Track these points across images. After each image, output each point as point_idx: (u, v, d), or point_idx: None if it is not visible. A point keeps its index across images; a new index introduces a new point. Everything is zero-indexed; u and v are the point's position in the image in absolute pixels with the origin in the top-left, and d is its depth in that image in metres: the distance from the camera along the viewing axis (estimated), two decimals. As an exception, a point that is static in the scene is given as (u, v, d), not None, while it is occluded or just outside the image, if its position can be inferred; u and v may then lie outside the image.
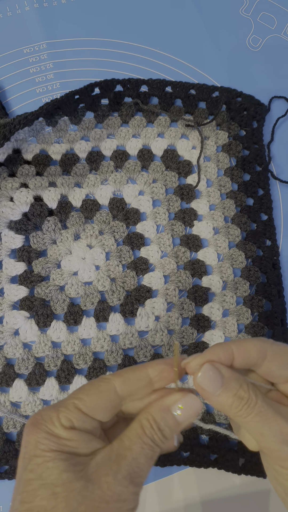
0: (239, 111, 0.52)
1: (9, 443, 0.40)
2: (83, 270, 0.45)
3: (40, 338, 0.42)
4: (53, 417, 0.24)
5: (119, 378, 0.26)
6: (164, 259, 0.46)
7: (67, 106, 0.47)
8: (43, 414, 0.25)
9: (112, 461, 0.23)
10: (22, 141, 0.48)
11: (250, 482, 0.41)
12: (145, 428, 0.25)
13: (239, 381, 0.26)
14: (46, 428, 0.24)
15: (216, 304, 0.45)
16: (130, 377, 0.26)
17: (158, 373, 0.26)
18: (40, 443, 0.23)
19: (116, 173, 0.49)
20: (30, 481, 0.23)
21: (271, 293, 0.45)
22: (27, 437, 0.24)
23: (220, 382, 0.26)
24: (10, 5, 0.56)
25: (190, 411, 0.25)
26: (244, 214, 0.48)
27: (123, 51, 0.55)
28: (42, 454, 0.23)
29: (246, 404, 0.26)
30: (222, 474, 0.40)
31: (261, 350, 0.27)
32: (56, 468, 0.23)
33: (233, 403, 0.26)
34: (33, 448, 0.23)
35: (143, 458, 0.24)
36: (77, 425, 0.24)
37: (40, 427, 0.24)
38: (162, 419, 0.25)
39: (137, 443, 0.24)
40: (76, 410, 0.24)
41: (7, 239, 0.45)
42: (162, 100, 0.52)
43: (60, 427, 0.24)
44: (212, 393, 0.26)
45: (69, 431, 0.24)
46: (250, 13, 0.59)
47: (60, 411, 0.24)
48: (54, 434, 0.24)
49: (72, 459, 0.23)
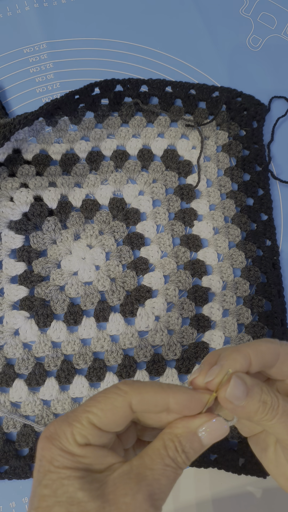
0: (239, 111, 0.52)
1: (9, 443, 0.40)
2: (83, 270, 0.45)
3: (40, 338, 0.42)
4: (67, 433, 0.23)
5: (137, 396, 0.24)
6: (164, 259, 0.46)
7: (67, 106, 0.47)
8: (57, 429, 0.24)
9: (131, 480, 0.22)
10: (22, 141, 0.48)
11: (250, 482, 0.41)
12: (169, 449, 0.24)
13: (259, 386, 0.26)
14: (60, 444, 0.23)
15: (216, 304, 0.45)
16: (149, 399, 0.24)
17: (180, 407, 0.25)
18: (54, 460, 0.23)
19: (116, 173, 0.49)
20: (45, 497, 0.22)
21: (271, 293, 0.45)
22: (42, 451, 0.23)
23: (245, 392, 0.25)
24: (10, 5, 0.56)
25: (215, 435, 0.25)
26: (244, 214, 0.48)
27: (123, 51, 0.55)
28: (57, 470, 0.22)
29: (271, 407, 0.25)
30: (222, 474, 0.40)
31: (275, 353, 0.27)
32: (71, 485, 0.22)
33: (259, 409, 0.25)
34: (47, 463, 0.23)
35: (165, 480, 0.23)
36: (93, 441, 0.23)
37: (54, 443, 0.23)
38: (188, 442, 0.24)
39: (159, 464, 0.23)
40: (90, 426, 0.23)
41: (7, 239, 0.45)
42: (162, 100, 0.52)
43: (74, 444, 0.23)
44: (239, 404, 0.25)
45: (84, 448, 0.23)
46: (250, 13, 0.59)
47: (74, 427, 0.23)
48: (68, 451, 0.23)
49: (88, 477, 0.22)
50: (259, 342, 0.27)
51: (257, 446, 0.31)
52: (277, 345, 0.27)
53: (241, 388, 0.25)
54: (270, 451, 0.30)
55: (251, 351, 0.26)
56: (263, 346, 0.27)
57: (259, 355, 0.26)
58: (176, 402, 0.24)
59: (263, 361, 0.26)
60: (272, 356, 0.27)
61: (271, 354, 0.27)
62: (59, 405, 0.41)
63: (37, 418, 0.41)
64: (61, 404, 0.41)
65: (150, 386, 0.25)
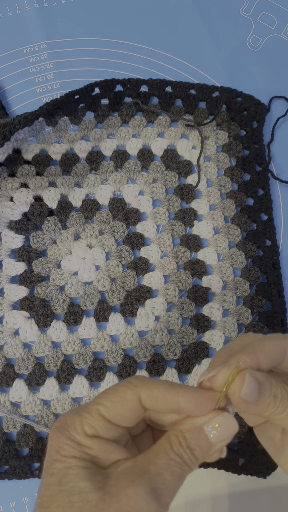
0: (239, 111, 0.52)
1: (9, 443, 0.40)
2: (83, 270, 0.45)
3: (40, 338, 0.42)
4: (76, 423, 0.24)
5: (146, 390, 0.24)
6: (164, 259, 0.46)
7: (67, 106, 0.47)
8: (67, 418, 0.24)
9: (133, 473, 0.22)
10: (22, 141, 0.48)
11: (250, 482, 0.41)
12: (173, 444, 0.23)
13: (269, 380, 0.25)
14: (69, 434, 0.23)
15: (216, 304, 0.45)
16: (158, 396, 0.24)
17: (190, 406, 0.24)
18: (62, 449, 0.23)
19: (116, 173, 0.49)
20: (49, 485, 0.22)
21: (271, 293, 0.45)
22: (51, 441, 0.24)
23: (257, 389, 0.24)
24: (10, 5, 0.56)
25: (225, 433, 0.24)
26: (244, 214, 0.48)
27: (123, 51, 0.55)
28: (63, 459, 0.23)
29: (281, 400, 0.25)
30: (222, 474, 0.40)
31: (281, 349, 0.26)
32: (76, 475, 0.22)
33: (270, 404, 0.25)
34: (55, 452, 0.23)
35: (169, 475, 0.22)
36: (101, 433, 0.23)
37: (63, 432, 0.23)
38: (193, 438, 0.24)
39: (163, 458, 0.23)
40: (99, 417, 0.24)
41: (7, 239, 0.45)
42: (162, 100, 0.52)
43: (82, 434, 0.23)
44: (252, 401, 0.25)
45: (91, 439, 0.23)
46: (250, 13, 0.59)
47: (84, 417, 0.24)
48: (76, 440, 0.23)
49: (92, 468, 0.22)
50: (266, 341, 0.26)
51: (263, 435, 0.31)
52: (282, 341, 0.27)
53: (254, 386, 0.24)
54: (277, 439, 0.29)
55: (258, 351, 0.26)
56: (268, 345, 0.26)
57: (267, 355, 0.26)
58: (186, 401, 0.24)
59: (271, 360, 0.26)
60: (279, 353, 0.26)
61: (278, 352, 0.26)
62: (59, 405, 0.41)
63: (37, 418, 0.41)
64: (61, 404, 0.41)
65: (161, 383, 0.25)
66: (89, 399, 0.41)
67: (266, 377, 0.26)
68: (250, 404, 0.25)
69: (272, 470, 0.40)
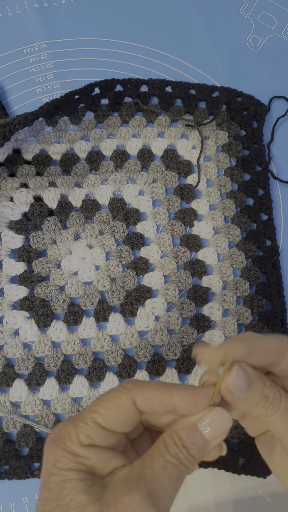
0: (239, 111, 0.52)
1: (9, 443, 0.40)
2: (83, 270, 0.45)
3: (40, 338, 0.42)
4: (71, 434, 0.23)
5: (140, 393, 0.24)
6: (164, 259, 0.46)
7: (67, 106, 0.47)
8: (61, 429, 0.23)
9: (131, 481, 0.21)
10: (22, 141, 0.48)
11: (250, 482, 0.41)
12: (169, 445, 0.23)
13: (262, 380, 0.25)
14: (64, 445, 0.23)
15: (216, 304, 0.45)
16: (153, 397, 0.24)
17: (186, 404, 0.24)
18: (58, 461, 0.22)
19: (116, 173, 0.49)
20: (47, 500, 0.22)
21: (271, 293, 0.45)
22: (46, 453, 0.23)
23: (246, 383, 0.24)
24: (10, 5, 0.56)
25: (219, 428, 0.24)
26: (244, 214, 0.48)
27: (123, 51, 0.55)
28: (59, 472, 0.22)
29: (272, 403, 0.25)
30: (222, 474, 0.40)
31: (280, 350, 0.26)
32: (73, 489, 0.21)
33: (259, 403, 0.25)
34: (51, 466, 0.22)
35: (166, 478, 0.22)
36: (98, 441, 0.23)
37: (58, 444, 0.23)
38: (188, 437, 0.23)
39: (160, 461, 0.22)
40: (95, 426, 0.23)
41: (7, 239, 0.45)
42: (162, 100, 0.52)
43: (78, 445, 0.23)
44: (239, 396, 0.24)
45: (88, 448, 0.23)
46: (250, 13, 0.59)
47: (79, 427, 0.23)
48: (72, 452, 0.22)
49: (89, 480, 0.22)
50: (264, 338, 0.26)
51: (263, 447, 0.30)
52: (283, 342, 0.26)
53: (243, 379, 0.24)
54: (277, 453, 0.29)
55: (253, 345, 0.25)
56: (267, 343, 0.26)
57: (264, 352, 0.25)
58: (181, 400, 0.24)
59: (267, 358, 0.26)
60: (277, 353, 0.26)
61: (275, 351, 0.26)
62: (59, 405, 0.41)
63: (37, 418, 0.41)
64: (61, 404, 0.41)
65: (154, 384, 0.24)
66: (89, 399, 0.41)
67: (260, 376, 0.25)
68: (238, 398, 0.25)
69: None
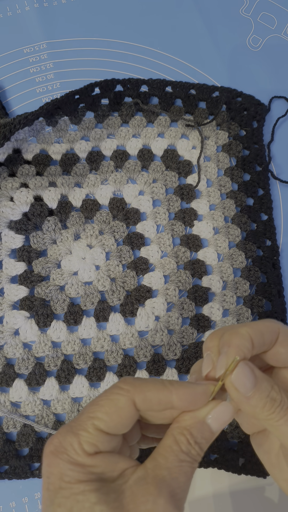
0: (239, 111, 0.52)
1: (9, 443, 0.40)
2: (83, 270, 0.45)
3: (40, 338, 0.42)
4: (74, 444, 0.22)
5: (140, 394, 0.23)
6: (164, 259, 0.46)
7: (67, 106, 0.47)
8: (61, 440, 0.22)
9: (149, 485, 0.21)
10: (22, 141, 0.48)
11: (250, 482, 0.41)
12: (181, 443, 0.23)
13: (270, 382, 0.25)
14: (68, 457, 0.21)
15: (216, 304, 0.45)
16: (152, 397, 0.23)
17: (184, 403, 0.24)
18: (65, 475, 0.21)
19: (116, 173, 0.49)
20: None
21: (271, 293, 0.45)
22: (49, 468, 0.22)
23: (253, 382, 0.24)
24: (10, 5, 0.56)
25: (223, 419, 0.24)
26: (244, 214, 0.48)
27: (123, 51, 0.55)
28: (68, 486, 0.21)
29: (279, 406, 0.25)
30: (222, 474, 0.40)
31: (274, 332, 0.26)
32: (87, 501, 0.20)
33: (266, 405, 0.25)
34: (57, 480, 0.21)
35: (183, 477, 0.22)
36: (102, 447, 0.22)
37: (61, 456, 0.21)
38: (199, 432, 0.23)
39: (174, 461, 0.22)
40: (97, 432, 0.22)
41: (7, 239, 0.45)
42: (162, 100, 0.52)
43: (84, 454, 0.22)
44: (245, 394, 0.24)
45: (93, 456, 0.22)
46: (250, 13, 0.59)
47: (81, 436, 0.22)
48: (78, 463, 0.21)
49: (102, 488, 0.21)
50: (258, 323, 0.26)
51: (259, 447, 0.30)
52: (277, 324, 0.26)
53: (249, 376, 0.24)
54: (273, 454, 0.29)
55: (251, 331, 0.25)
56: (261, 325, 0.26)
57: (259, 335, 0.25)
58: (180, 399, 0.24)
59: (263, 341, 0.26)
60: (271, 336, 0.26)
61: (269, 334, 0.26)
62: (59, 405, 0.41)
63: (37, 418, 0.41)
64: (61, 404, 0.41)
65: (152, 384, 0.24)
66: (89, 399, 0.41)
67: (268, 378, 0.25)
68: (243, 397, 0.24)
69: (272, 470, 0.40)
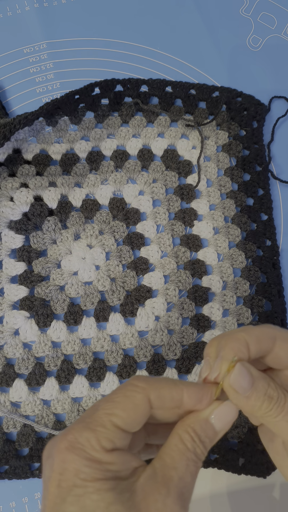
0: (239, 111, 0.52)
1: (9, 443, 0.40)
2: (83, 270, 0.45)
3: (40, 338, 0.42)
4: (91, 440, 0.21)
5: (155, 391, 0.24)
6: (164, 259, 0.46)
7: (67, 106, 0.47)
8: (77, 437, 0.22)
9: (158, 484, 0.21)
10: (22, 141, 0.48)
11: (250, 482, 0.41)
12: (187, 442, 0.23)
13: (267, 380, 0.26)
14: (86, 453, 0.21)
15: (216, 304, 0.45)
16: (165, 395, 0.24)
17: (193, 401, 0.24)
18: (81, 472, 0.21)
19: (116, 173, 0.49)
20: None
21: (271, 293, 0.45)
22: (63, 464, 0.21)
23: (250, 382, 0.25)
24: (10, 5, 0.56)
25: (227, 419, 0.25)
26: (244, 214, 0.48)
27: (123, 51, 0.55)
28: (83, 484, 0.20)
29: (276, 403, 0.25)
30: (222, 474, 0.40)
31: (271, 337, 0.26)
32: (102, 500, 0.20)
33: (263, 403, 0.25)
34: (72, 477, 0.21)
35: (189, 476, 0.22)
36: (119, 444, 0.22)
37: (78, 452, 0.21)
38: (203, 431, 0.24)
39: (182, 460, 0.22)
40: (115, 429, 0.22)
41: (7, 239, 0.45)
42: (162, 100, 0.52)
43: (102, 451, 0.21)
44: (243, 394, 0.25)
45: (111, 453, 0.22)
46: (250, 13, 0.59)
47: (99, 432, 0.22)
48: (96, 459, 0.21)
49: (117, 487, 0.21)
50: (255, 328, 0.26)
51: (265, 436, 0.31)
52: (274, 329, 0.27)
53: (246, 377, 0.25)
54: (278, 442, 0.29)
55: (247, 336, 0.26)
56: (258, 331, 0.26)
57: (254, 340, 0.26)
58: (190, 397, 0.24)
59: (260, 347, 0.26)
60: (268, 342, 0.26)
61: (267, 340, 0.26)
62: (59, 405, 0.41)
63: (37, 418, 0.41)
64: (61, 404, 0.41)
65: (165, 382, 0.25)
66: (89, 399, 0.41)
67: (264, 376, 0.26)
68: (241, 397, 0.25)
69: (272, 470, 0.40)
